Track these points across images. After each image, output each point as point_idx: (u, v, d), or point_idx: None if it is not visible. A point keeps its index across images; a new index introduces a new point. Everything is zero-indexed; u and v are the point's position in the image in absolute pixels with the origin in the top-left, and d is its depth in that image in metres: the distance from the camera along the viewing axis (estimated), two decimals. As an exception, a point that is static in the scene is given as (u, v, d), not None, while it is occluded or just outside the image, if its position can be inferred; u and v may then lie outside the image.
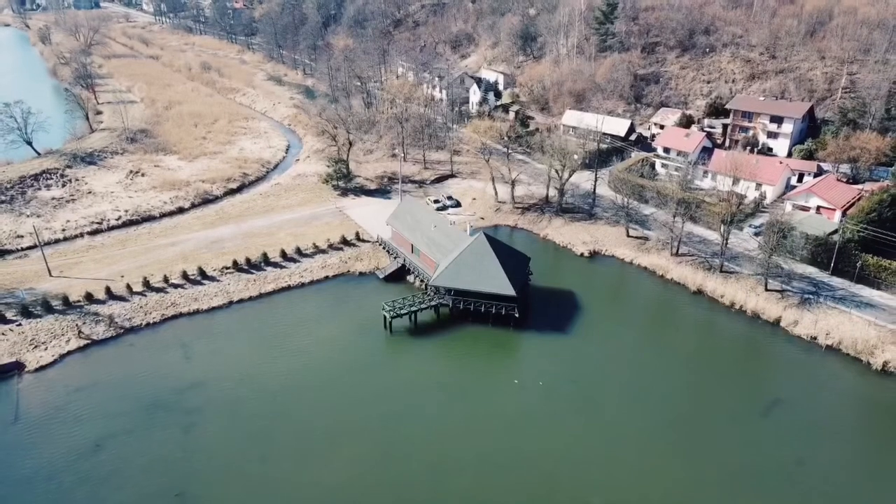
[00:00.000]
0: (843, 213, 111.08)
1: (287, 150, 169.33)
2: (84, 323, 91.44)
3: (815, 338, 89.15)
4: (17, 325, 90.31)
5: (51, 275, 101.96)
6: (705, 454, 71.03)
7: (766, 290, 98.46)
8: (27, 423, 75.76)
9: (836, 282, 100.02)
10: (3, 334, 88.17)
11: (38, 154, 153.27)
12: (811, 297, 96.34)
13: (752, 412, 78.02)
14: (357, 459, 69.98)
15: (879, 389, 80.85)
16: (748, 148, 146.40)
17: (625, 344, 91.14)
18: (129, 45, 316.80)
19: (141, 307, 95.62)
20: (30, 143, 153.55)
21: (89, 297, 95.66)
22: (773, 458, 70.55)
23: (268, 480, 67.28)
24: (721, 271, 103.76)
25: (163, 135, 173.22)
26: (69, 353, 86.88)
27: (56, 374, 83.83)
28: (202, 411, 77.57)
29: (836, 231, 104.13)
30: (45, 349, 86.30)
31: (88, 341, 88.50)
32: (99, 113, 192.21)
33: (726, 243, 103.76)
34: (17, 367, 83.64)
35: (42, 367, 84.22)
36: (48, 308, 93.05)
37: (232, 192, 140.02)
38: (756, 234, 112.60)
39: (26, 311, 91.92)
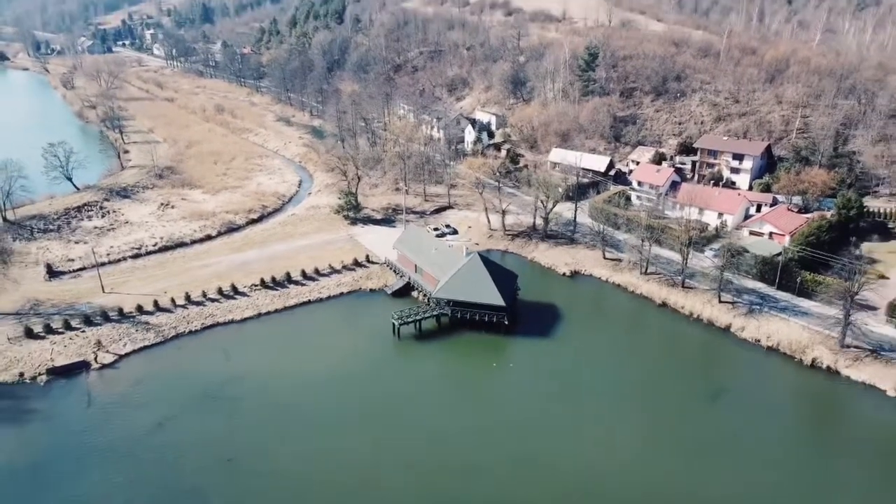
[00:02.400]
0: (792, 238, 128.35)
1: (300, 184, 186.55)
2: (135, 329, 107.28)
3: (759, 340, 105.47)
4: (80, 331, 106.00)
5: (104, 291, 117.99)
6: (663, 429, 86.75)
7: (720, 301, 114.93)
8: (99, 409, 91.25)
9: (781, 295, 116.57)
10: (70, 339, 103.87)
11: (78, 189, 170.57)
12: (757, 307, 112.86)
13: (703, 398, 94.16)
14: (371, 437, 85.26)
15: (807, 380, 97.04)
16: (713, 182, 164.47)
17: (599, 346, 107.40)
18: (145, 88, 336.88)
19: (184, 317, 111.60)
20: (70, 179, 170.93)
21: (140, 309, 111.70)
22: (717, 432, 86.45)
23: (297, 452, 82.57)
24: (682, 287, 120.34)
25: (187, 171, 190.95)
26: (126, 354, 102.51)
27: (117, 372, 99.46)
28: (241, 399, 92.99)
29: (780, 252, 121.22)
30: (108, 350, 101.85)
31: (116, 357, 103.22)
32: (126, 152, 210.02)
33: (686, 263, 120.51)
34: (84, 366, 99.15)
35: (105, 366, 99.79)
36: (106, 318, 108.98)
37: (253, 221, 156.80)
38: (715, 256, 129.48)
39: (88, 321, 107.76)
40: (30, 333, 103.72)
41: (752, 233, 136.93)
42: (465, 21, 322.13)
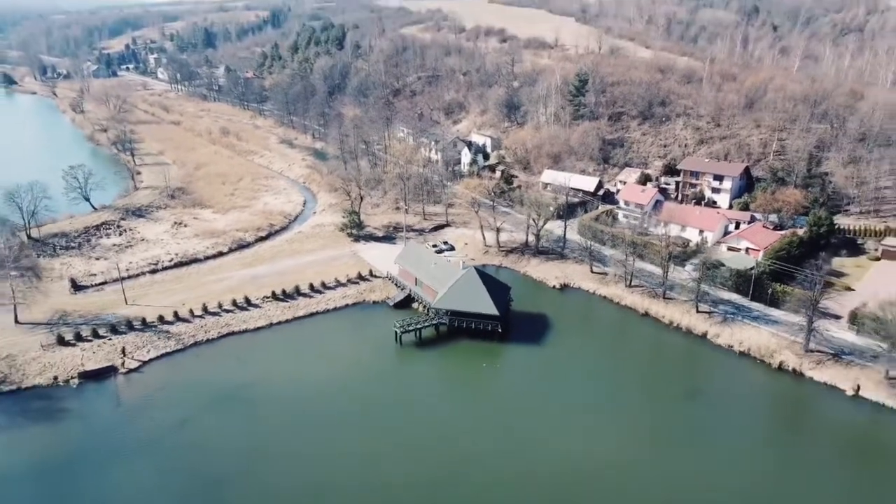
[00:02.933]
0: (765, 253, 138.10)
1: (304, 204, 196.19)
2: (158, 338, 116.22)
3: (732, 346, 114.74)
4: (107, 339, 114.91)
5: (126, 303, 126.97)
6: (642, 424, 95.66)
7: (698, 311, 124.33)
8: (128, 408, 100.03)
9: (754, 305, 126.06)
10: (98, 346, 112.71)
11: (95, 209, 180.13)
12: (731, 316, 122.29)
13: (680, 397, 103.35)
14: (376, 434, 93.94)
15: (774, 381, 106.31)
16: (696, 201, 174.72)
17: (586, 352, 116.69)
18: (151, 111, 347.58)
19: (201, 327, 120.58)
20: (88, 200, 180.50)
21: (161, 319, 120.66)
22: (692, 427, 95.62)
23: (309, 446, 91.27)
24: (663, 298, 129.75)
25: (197, 192, 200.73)
26: (150, 360, 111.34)
27: (142, 376, 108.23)
28: (256, 401, 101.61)
29: (753, 266, 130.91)
30: (133, 356, 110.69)
31: (141, 362, 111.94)
32: (138, 173, 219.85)
33: (667, 276, 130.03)
34: (112, 370, 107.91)
35: (130, 371, 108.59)
36: (130, 327, 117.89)
37: (262, 238, 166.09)
38: (695, 270, 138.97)
39: (114, 330, 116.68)
40: (61, 341, 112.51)
41: (730, 248, 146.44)
42: (461, 47, 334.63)
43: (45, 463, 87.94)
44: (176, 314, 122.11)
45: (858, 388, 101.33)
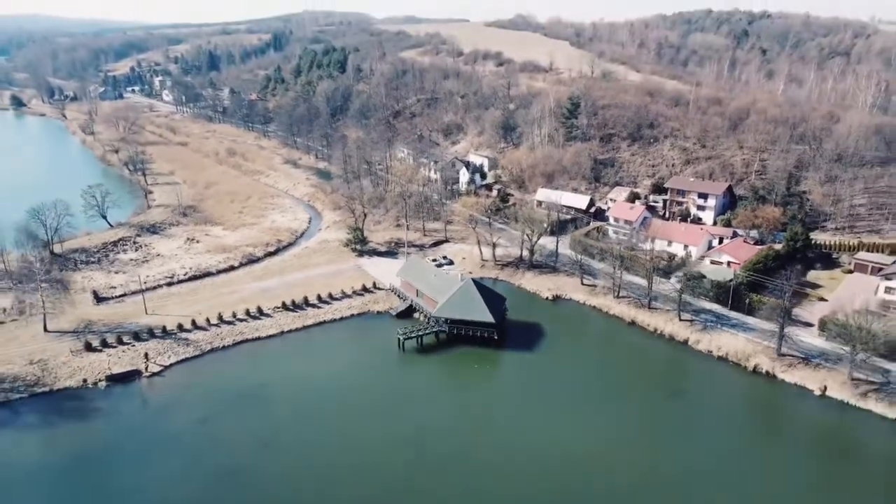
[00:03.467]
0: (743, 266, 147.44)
1: (310, 221, 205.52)
2: (177, 345, 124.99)
3: (711, 351, 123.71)
4: (131, 346, 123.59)
5: (147, 313, 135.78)
6: (627, 421, 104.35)
7: (680, 320, 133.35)
8: (152, 408, 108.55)
9: (733, 314, 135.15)
10: (123, 352, 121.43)
11: (111, 226, 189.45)
12: (711, 324, 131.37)
13: (661, 396, 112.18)
14: (379, 428, 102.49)
15: (749, 383, 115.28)
16: (682, 218, 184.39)
17: (576, 357, 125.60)
18: (159, 132, 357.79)
19: (217, 335, 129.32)
20: (104, 217, 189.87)
21: (180, 327, 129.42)
22: (673, 423, 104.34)
23: (320, 440, 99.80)
24: (648, 308, 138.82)
25: (207, 210, 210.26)
26: (171, 364, 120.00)
27: (164, 379, 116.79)
28: (270, 400, 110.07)
29: (732, 278, 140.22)
30: (155, 361, 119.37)
31: (163, 367, 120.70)
32: (150, 192, 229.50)
33: (651, 288, 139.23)
34: (136, 374, 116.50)
35: (153, 374, 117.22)
36: (152, 335, 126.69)
37: (271, 254, 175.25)
38: (678, 282, 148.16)
39: (137, 337, 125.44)
40: (89, 347, 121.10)
41: (712, 262, 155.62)
42: (459, 71, 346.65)
43: (80, 455, 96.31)
44: (193, 323, 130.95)
45: (825, 388, 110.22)
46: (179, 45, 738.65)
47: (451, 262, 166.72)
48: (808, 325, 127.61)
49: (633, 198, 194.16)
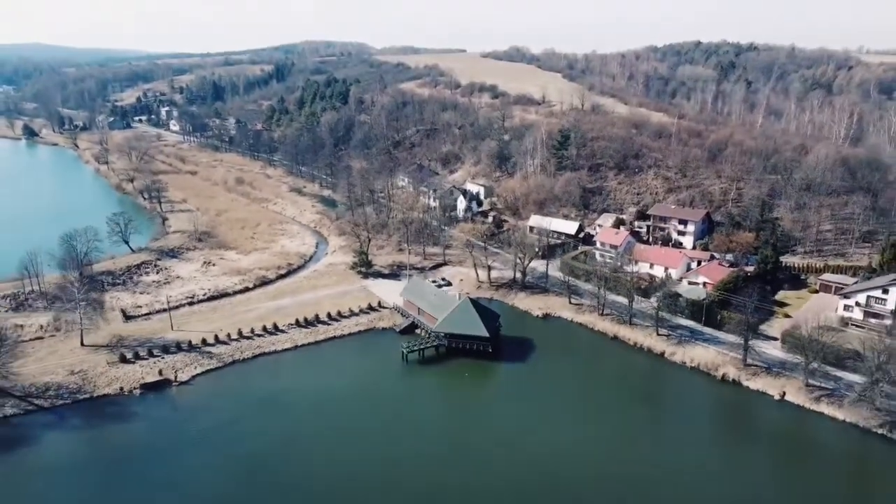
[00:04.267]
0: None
1: (317, 246, 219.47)
2: (202, 357, 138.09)
3: (685, 362, 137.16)
4: (160, 358, 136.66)
5: (172, 329, 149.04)
6: (609, 421, 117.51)
7: (658, 334, 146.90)
8: (183, 411, 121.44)
9: (706, 329, 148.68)
10: (154, 363, 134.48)
11: (133, 250, 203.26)
12: (686, 338, 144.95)
13: (637, 400, 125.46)
14: (385, 429, 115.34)
15: (717, 390, 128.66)
16: (663, 242, 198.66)
17: (563, 368, 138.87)
18: (168, 162, 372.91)
19: (238, 348, 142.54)
20: (127, 242, 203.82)
21: (203, 342, 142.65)
22: (647, 425, 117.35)
23: (332, 441, 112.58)
24: (630, 324, 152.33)
25: (221, 235, 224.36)
26: (197, 375, 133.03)
27: (192, 387, 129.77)
28: (288, 405, 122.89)
29: (705, 297, 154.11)
30: (183, 372, 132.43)
31: (190, 377, 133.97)
32: (166, 219, 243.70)
33: (632, 306, 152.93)
34: (167, 383, 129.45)
35: (183, 383, 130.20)
36: (179, 348, 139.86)
37: (282, 276, 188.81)
38: (658, 301, 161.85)
39: (166, 350, 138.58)
40: (123, 359, 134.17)
41: (690, 283, 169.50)
42: (456, 103, 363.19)
43: (123, 451, 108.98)
44: (216, 338, 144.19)
45: (784, 393, 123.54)
46: (184, 76, 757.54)
47: (449, 284, 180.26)
48: (773, 338, 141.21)
49: (618, 224, 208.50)
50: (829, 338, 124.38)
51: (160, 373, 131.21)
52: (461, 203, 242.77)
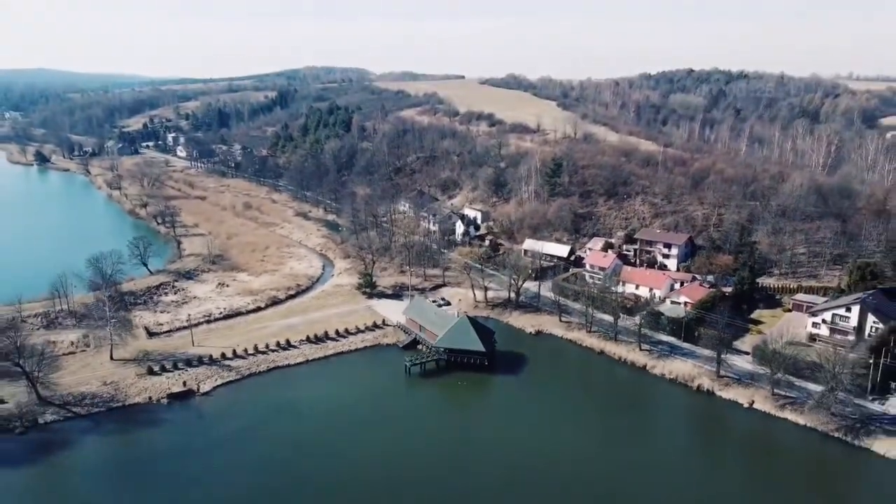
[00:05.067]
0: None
1: (323, 268, 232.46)
2: (222, 370, 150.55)
3: (664, 374, 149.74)
4: (184, 371, 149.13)
5: (193, 345, 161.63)
6: (594, 428, 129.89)
7: (640, 349, 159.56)
8: (207, 418, 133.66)
9: (685, 345, 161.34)
10: (178, 375, 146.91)
11: (151, 272, 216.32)
12: (666, 353, 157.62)
13: (620, 409, 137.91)
14: (390, 433, 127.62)
15: (693, 399, 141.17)
16: (649, 265, 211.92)
17: (553, 380, 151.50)
18: (178, 187, 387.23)
19: (254, 362, 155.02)
20: (146, 265, 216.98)
21: (223, 356, 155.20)
22: (628, 430, 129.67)
23: (341, 443, 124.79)
24: (615, 340, 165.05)
25: (233, 258, 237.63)
26: (218, 386, 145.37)
27: (213, 397, 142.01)
28: (301, 413, 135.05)
29: (685, 315, 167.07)
30: (205, 383, 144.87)
31: (212, 388, 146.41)
32: (180, 243, 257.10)
33: (617, 323, 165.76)
34: (191, 393, 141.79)
35: (205, 393, 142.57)
36: (200, 362, 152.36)
37: (292, 296, 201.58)
38: (641, 319, 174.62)
39: (188, 363, 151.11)
40: (150, 371, 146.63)
41: (672, 302, 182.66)
42: (455, 130, 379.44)
43: (154, 453, 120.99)
44: (234, 352, 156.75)
45: (752, 402, 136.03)
46: (189, 102, 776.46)
47: (448, 303, 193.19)
48: (745, 353, 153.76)
49: (607, 247, 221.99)
50: (793, 351, 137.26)
51: (184, 384, 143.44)
52: (459, 227, 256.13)
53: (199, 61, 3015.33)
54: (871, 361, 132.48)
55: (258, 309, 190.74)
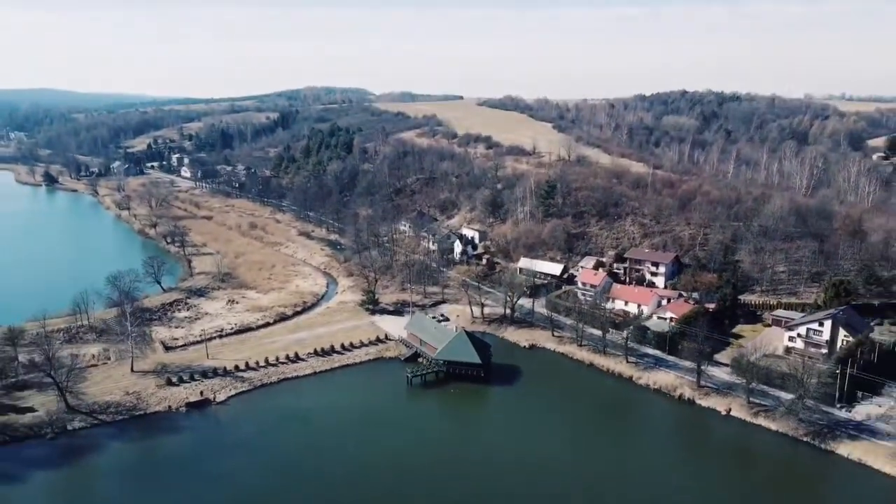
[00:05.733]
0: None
1: (328, 286, 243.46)
2: (235, 381, 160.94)
3: (649, 385, 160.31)
4: (200, 382, 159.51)
5: (208, 357, 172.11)
6: (583, 433, 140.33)
7: (627, 362, 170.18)
8: (223, 424, 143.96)
9: (669, 357, 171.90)
10: (195, 386, 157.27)
11: (164, 290, 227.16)
12: (651, 364, 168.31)
13: (606, 417, 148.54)
14: (393, 438, 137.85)
15: (674, 407, 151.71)
16: (638, 282, 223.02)
17: (546, 390, 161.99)
18: (184, 207, 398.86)
19: (265, 374, 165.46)
20: (159, 283, 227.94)
21: (236, 368, 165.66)
22: (616, 435, 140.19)
23: (347, 447, 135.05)
24: (604, 353, 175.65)
25: (241, 276, 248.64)
26: (232, 396, 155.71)
27: (229, 406, 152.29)
28: (310, 420, 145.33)
29: (669, 330, 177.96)
30: (220, 393, 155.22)
31: (227, 397, 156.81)
32: (190, 262, 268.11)
33: (605, 337, 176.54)
34: (208, 402, 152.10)
35: (220, 402, 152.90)
36: (215, 373, 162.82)
37: (298, 312, 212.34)
38: (629, 334, 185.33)
39: (204, 375, 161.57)
40: (169, 382, 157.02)
41: (658, 318, 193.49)
42: (453, 153, 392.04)
43: (175, 454, 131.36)
44: (246, 365, 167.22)
45: (730, 409, 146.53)
46: (192, 123, 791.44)
47: (447, 319, 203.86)
48: (725, 365, 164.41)
49: (598, 266, 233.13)
50: (767, 362, 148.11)
51: (201, 394, 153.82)
52: (458, 247, 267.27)
53: (200, 81, 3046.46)
54: (837, 372, 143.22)
55: (267, 324, 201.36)
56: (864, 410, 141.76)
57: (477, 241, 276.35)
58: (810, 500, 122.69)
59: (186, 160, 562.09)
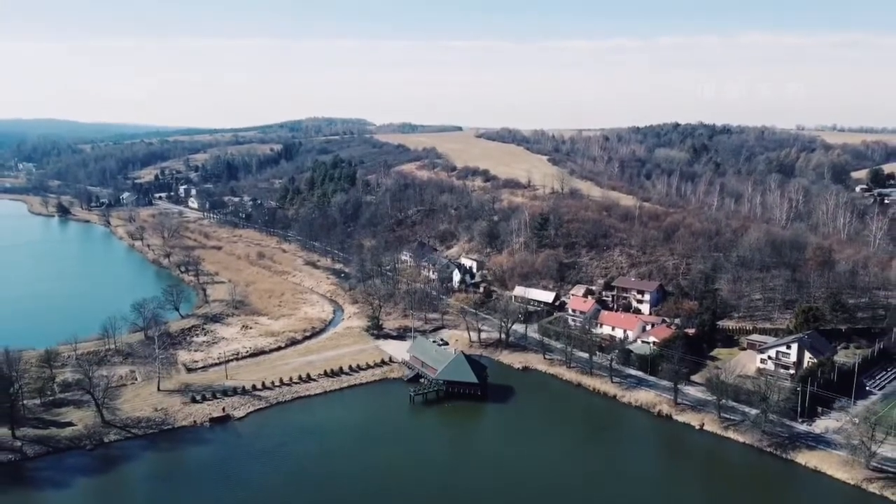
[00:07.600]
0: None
1: (334, 312, 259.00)
2: (253, 399, 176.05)
3: (631, 402, 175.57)
4: (220, 400, 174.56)
5: (227, 378, 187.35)
6: (570, 445, 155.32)
7: (612, 382, 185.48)
8: (244, 437, 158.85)
9: (650, 377, 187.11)
10: (217, 403, 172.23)
11: (182, 316, 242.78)
12: (633, 384, 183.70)
13: (592, 431, 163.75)
14: (397, 450, 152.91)
15: (653, 423, 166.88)
16: (624, 309, 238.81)
17: (536, 408, 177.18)
18: (194, 237, 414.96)
19: (280, 393, 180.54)
20: (177, 309, 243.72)
21: (253, 387, 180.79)
22: (600, 447, 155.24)
23: (354, 458, 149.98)
24: (591, 374, 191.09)
25: (252, 303, 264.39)
26: (250, 412, 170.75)
27: (247, 422, 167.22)
28: (322, 433, 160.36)
29: (651, 352, 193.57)
30: (240, 410, 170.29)
31: (246, 414, 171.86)
32: (205, 290, 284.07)
33: (592, 360, 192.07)
34: (228, 418, 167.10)
35: (240, 418, 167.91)
36: (235, 392, 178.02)
37: (308, 337, 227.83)
38: (613, 357, 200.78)
39: (225, 393, 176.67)
40: (193, 400, 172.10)
41: (643, 342, 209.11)
42: (452, 185, 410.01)
43: (202, 463, 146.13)
44: (262, 384, 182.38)
45: (703, 424, 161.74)
46: (198, 154, 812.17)
47: (446, 343, 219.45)
48: (701, 384, 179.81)
49: (587, 293, 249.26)
50: (735, 381, 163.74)
51: (223, 410, 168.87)
52: (456, 275, 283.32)
53: (203, 111, 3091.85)
54: (799, 389, 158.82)
55: (279, 348, 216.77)
56: (823, 424, 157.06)
57: (475, 270, 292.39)
58: (771, 502, 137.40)
59: (194, 191, 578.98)
